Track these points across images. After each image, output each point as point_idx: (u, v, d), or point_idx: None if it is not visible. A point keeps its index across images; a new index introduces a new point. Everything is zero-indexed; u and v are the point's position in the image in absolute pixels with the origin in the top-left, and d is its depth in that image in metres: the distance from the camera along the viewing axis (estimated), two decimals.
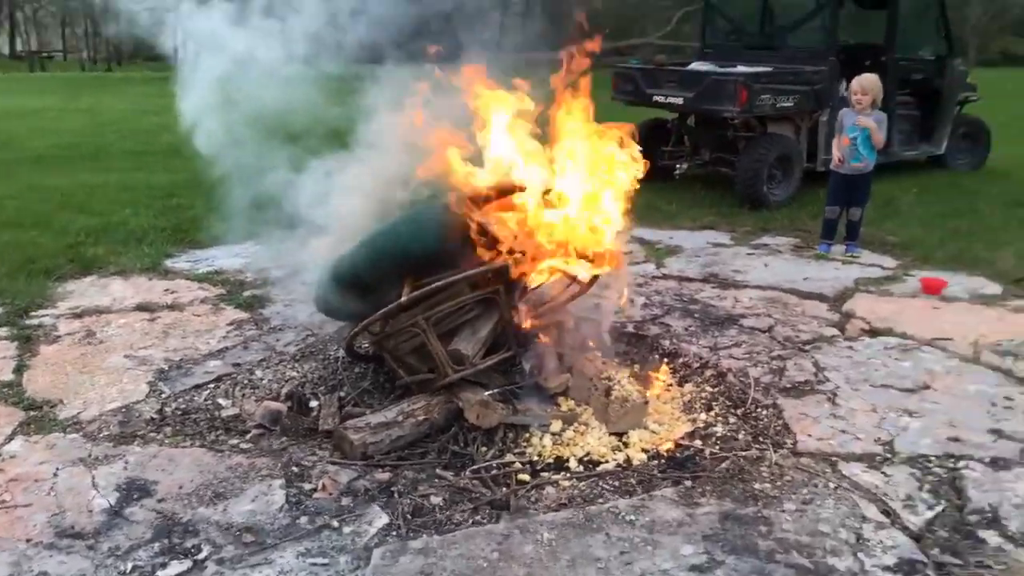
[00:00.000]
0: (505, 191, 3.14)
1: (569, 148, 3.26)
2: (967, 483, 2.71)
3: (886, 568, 2.27)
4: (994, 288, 4.73)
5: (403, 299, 2.99)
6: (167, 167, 8.63)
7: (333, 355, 3.80)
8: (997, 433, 3.04)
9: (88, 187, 7.39)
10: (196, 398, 3.41)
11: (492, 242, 3.04)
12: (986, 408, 3.24)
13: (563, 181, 3.23)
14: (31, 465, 2.83)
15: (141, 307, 4.45)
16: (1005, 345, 3.85)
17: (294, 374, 3.63)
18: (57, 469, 2.80)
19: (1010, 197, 7.10)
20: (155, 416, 3.23)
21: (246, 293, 4.69)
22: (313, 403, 3.39)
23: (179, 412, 3.28)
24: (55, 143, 10.35)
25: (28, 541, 2.42)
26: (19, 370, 3.63)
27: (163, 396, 3.40)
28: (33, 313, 4.33)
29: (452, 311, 3.17)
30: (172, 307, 4.47)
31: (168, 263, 5.29)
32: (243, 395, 3.44)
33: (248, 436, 3.12)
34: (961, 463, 2.83)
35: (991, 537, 2.43)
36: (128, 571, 2.28)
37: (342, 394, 3.45)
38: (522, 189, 3.16)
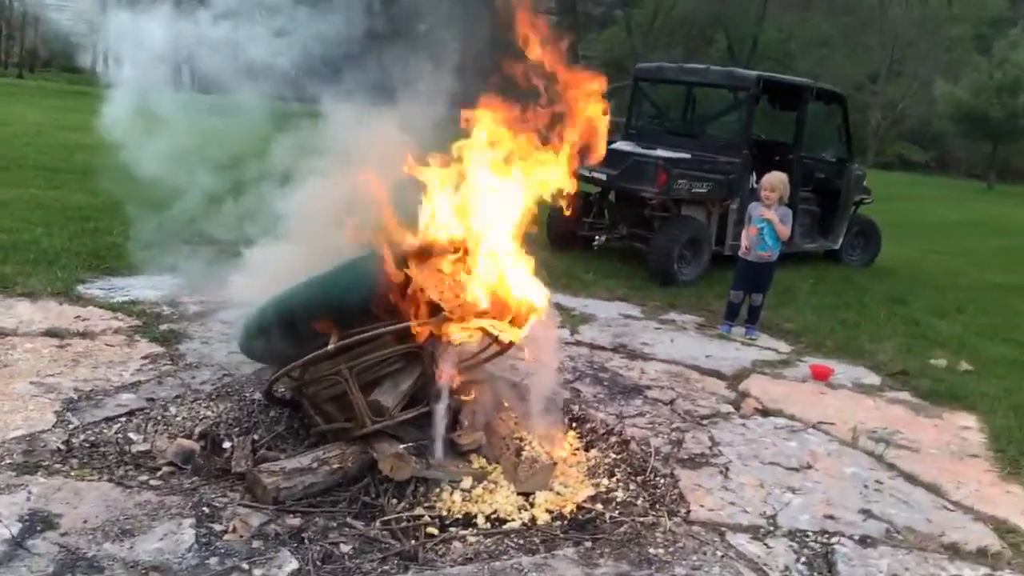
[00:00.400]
0: (437, 250, 3.29)
1: (499, 208, 3.43)
2: (838, 558, 2.96)
3: None
4: (873, 379, 5.15)
5: (330, 347, 3.08)
6: (84, 187, 8.44)
7: (249, 397, 3.82)
8: (867, 513, 3.33)
9: None
10: (106, 431, 3.37)
11: (421, 298, 3.18)
12: (859, 489, 3.54)
13: (491, 243, 3.40)
14: None
15: (50, 332, 4.35)
16: (879, 432, 4.21)
17: (209, 413, 3.63)
18: None
19: (894, 294, 7.73)
20: (61, 447, 3.18)
21: (162, 326, 4.65)
22: (227, 444, 3.41)
23: (87, 444, 3.24)
24: None
25: None
26: None
27: (71, 427, 3.35)
28: None
29: (375, 363, 3.28)
30: (84, 335, 4.39)
31: (81, 289, 5.18)
32: (156, 431, 3.43)
33: (159, 473, 3.11)
34: (834, 539, 3.10)
35: None
36: None
37: (256, 437, 3.48)
38: (455, 250, 3.31)
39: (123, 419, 3.49)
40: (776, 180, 5.66)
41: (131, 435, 3.37)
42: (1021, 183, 35.54)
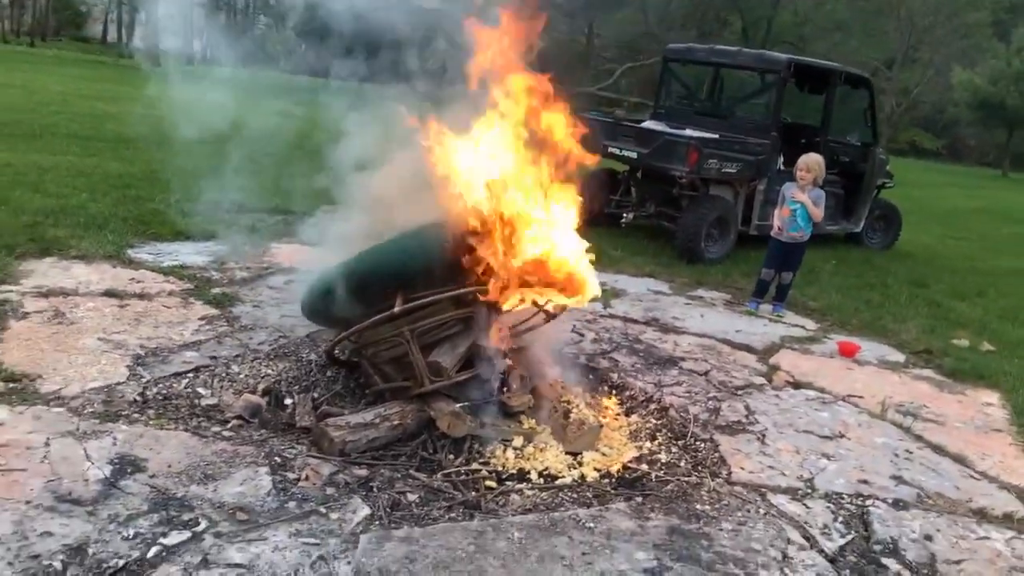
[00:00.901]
0: (491, 222, 3.44)
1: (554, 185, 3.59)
2: (873, 518, 3.13)
3: None
4: (898, 356, 5.30)
5: (395, 309, 3.24)
6: (119, 156, 8.61)
7: (305, 357, 3.99)
8: (898, 479, 3.49)
9: (40, 167, 7.31)
10: (176, 385, 3.54)
11: (479, 266, 3.34)
12: (890, 458, 3.71)
13: (545, 215, 3.55)
14: (20, 433, 2.93)
15: (109, 293, 4.52)
16: (907, 406, 4.37)
17: (269, 372, 3.81)
18: (48, 439, 2.91)
19: (914, 277, 7.86)
20: (137, 398, 3.36)
21: (214, 290, 4.82)
22: (288, 400, 3.58)
23: (160, 397, 3.42)
24: None
25: (28, 503, 2.54)
26: None
27: (143, 380, 3.52)
28: None
29: (434, 326, 3.44)
30: (141, 296, 4.56)
31: (131, 253, 5.35)
32: (221, 387, 3.60)
33: (229, 425, 3.28)
34: (868, 502, 3.26)
35: (892, 564, 2.84)
36: (130, 537, 2.44)
37: (315, 395, 3.65)
38: (507, 223, 3.46)
39: (190, 375, 3.66)
40: (812, 161, 5.77)
41: (199, 390, 3.54)
42: None
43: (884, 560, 2.86)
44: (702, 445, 3.62)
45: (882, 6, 36.71)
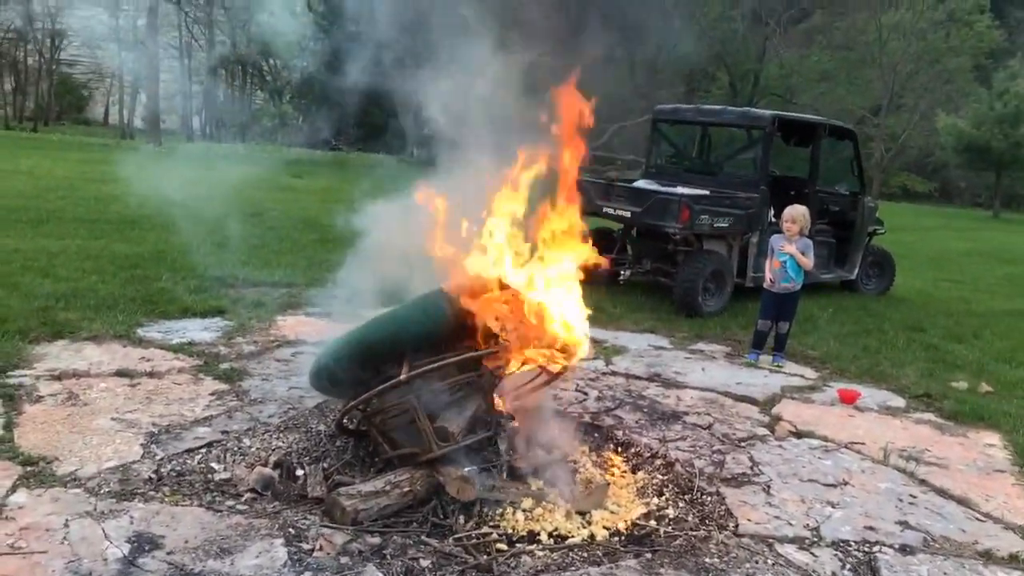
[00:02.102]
0: (495, 286, 3.56)
1: (547, 247, 3.73)
2: (881, 564, 3.17)
3: None
4: (899, 401, 5.37)
5: (402, 376, 3.34)
6: (125, 237, 8.79)
7: (315, 428, 4.06)
8: (904, 524, 3.54)
9: (48, 252, 7.48)
10: (189, 461, 3.61)
11: (482, 330, 3.45)
12: (895, 503, 3.75)
13: (540, 278, 3.68)
14: (40, 516, 2.99)
15: (120, 372, 4.61)
16: (909, 451, 4.42)
17: (280, 444, 3.88)
18: (67, 520, 2.97)
19: (911, 322, 7.96)
20: (152, 476, 3.42)
21: (223, 365, 4.91)
22: (299, 471, 3.64)
23: (175, 473, 3.48)
24: (1, 205, 10.32)
25: None
26: (8, 427, 3.76)
27: (157, 458, 3.60)
28: (11, 373, 4.44)
29: (439, 392, 3.53)
30: (151, 374, 4.65)
31: (141, 332, 5.46)
32: (234, 461, 3.67)
33: (243, 499, 3.34)
34: (876, 548, 3.31)
35: None
36: None
37: (326, 465, 3.71)
38: (507, 287, 3.59)
39: (203, 450, 3.73)
40: (797, 213, 5.93)
41: (212, 464, 3.61)
42: None
43: None
44: (708, 498, 3.67)
45: (865, 56, 37.72)
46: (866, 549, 3.30)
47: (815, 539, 3.35)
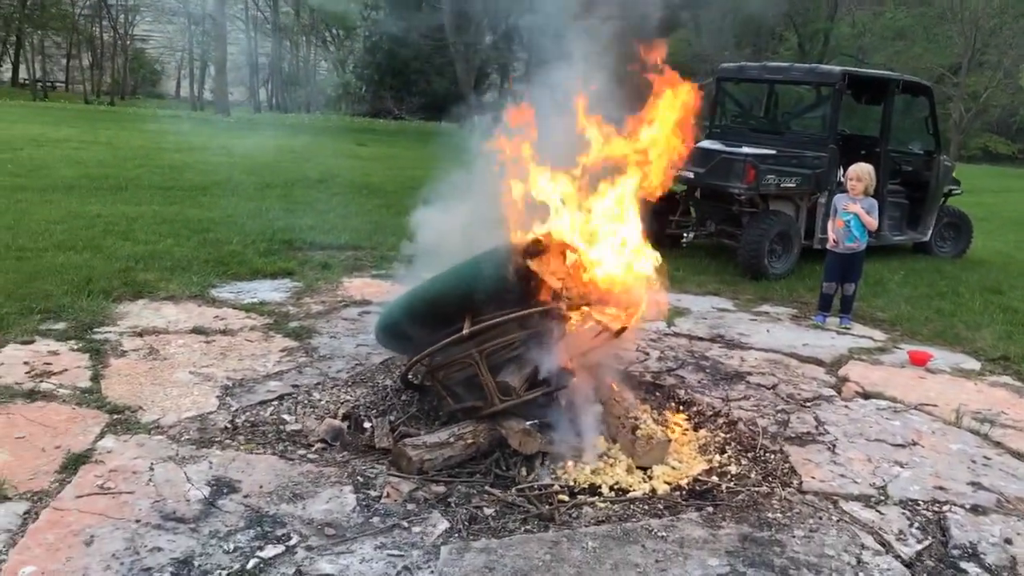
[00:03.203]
0: (557, 246, 3.58)
1: (616, 207, 3.72)
2: (951, 523, 3.11)
3: None
4: (973, 364, 5.21)
5: (464, 331, 3.40)
6: (197, 203, 9.09)
7: (381, 383, 4.17)
8: (977, 485, 3.46)
9: (127, 217, 7.79)
10: (262, 413, 3.77)
11: (544, 288, 3.47)
12: (967, 464, 3.66)
13: (607, 239, 3.68)
14: (127, 459, 3.17)
15: (196, 330, 4.81)
16: (983, 413, 4.29)
17: (348, 397, 4.00)
18: (152, 464, 3.14)
19: (988, 284, 7.66)
20: (228, 426, 3.58)
21: (292, 324, 5.07)
22: (367, 424, 3.76)
23: (248, 424, 3.64)
24: (83, 173, 10.78)
25: (137, 522, 2.75)
26: (96, 379, 3.98)
27: (232, 409, 3.76)
28: (96, 329, 4.67)
29: (501, 347, 3.58)
30: (225, 332, 4.83)
31: (214, 292, 5.66)
32: (304, 413, 3.80)
33: (313, 449, 3.47)
34: (945, 507, 3.24)
35: (971, 568, 2.83)
36: (231, 551, 2.63)
37: (392, 418, 3.82)
38: (572, 248, 3.60)
39: (275, 403, 3.88)
40: (862, 171, 5.76)
41: (284, 416, 3.75)
42: None
43: (963, 564, 2.85)
44: (772, 456, 3.65)
45: (944, 11, 35.90)
46: (935, 508, 3.24)
47: (882, 497, 3.30)
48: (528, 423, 3.53)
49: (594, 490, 3.29)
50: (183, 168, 11.94)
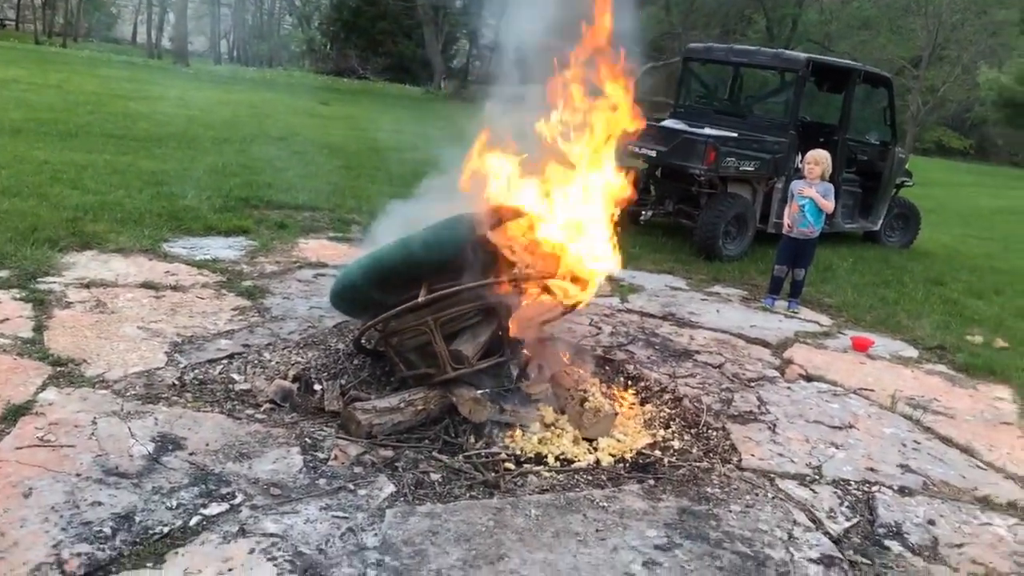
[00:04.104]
0: (512, 214, 3.59)
1: (574, 180, 3.73)
2: (879, 503, 3.24)
3: (811, 560, 2.77)
4: (911, 352, 5.39)
5: (420, 299, 3.40)
6: (151, 154, 8.86)
7: (334, 346, 4.16)
8: (905, 468, 3.60)
9: (77, 165, 7.57)
10: (211, 371, 3.73)
11: (500, 259, 3.49)
12: (898, 448, 3.81)
13: (564, 211, 3.70)
14: (69, 413, 3.12)
15: (146, 284, 4.72)
16: (917, 399, 4.46)
17: (299, 359, 3.98)
18: (95, 418, 3.10)
19: (931, 275, 7.91)
20: (176, 383, 3.55)
21: (245, 283, 5.01)
22: (317, 387, 3.75)
23: (197, 381, 3.60)
24: (31, 117, 10.42)
25: (78, 475, 2.72)
26: (38, 330, 3.89)
27: (181, 366, 3.72)
28: (41, 279, 4.56)
29: (456, 316, 3.60)
30: (176, 288, 4.76)
31: (166, 247, 5.56)
32: (254, 373, 3.78)
33: (261, 409, 3.46)
34: (875, 488, 3.38)
35: (895, 546, 2.96)
36: (173, 507, 2.62)
37: (343, 381, 3.82)
38: (522, 216, 3.61)
39: (224, 361, 3.85)
40: (820, 155, 5.88)
41: (233, 375, 3.73)
42: None
43: (887, 542, 2.98)
44: (714, 433, 3.74)
45: (909, 3, 36.38)
46: (865, 488, 3.37)
47: (816, 476, 3.42)
48: (479, 392, 3.57)
49: (540, 459, 3.35)
50: (137, 117, 11.61)
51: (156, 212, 6.25)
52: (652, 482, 3.20)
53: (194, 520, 2.56)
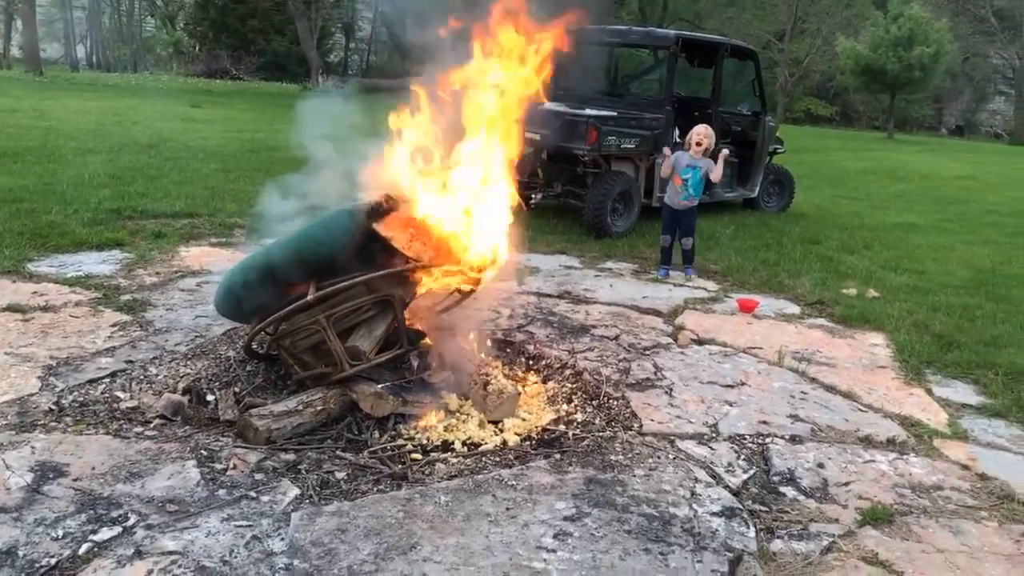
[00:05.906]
0: (398, 204, 3.55)
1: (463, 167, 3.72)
2: (772, 454, 3.40)
3: (713, 514, 2.87)
4: (794, 309, 5.68)
5: (309, 297, 3.32)
6: (7, 170, 8.28)
7: (224, 354, 4.01)
8: (795, 417, 3.80)
9: None
10: (92, 391, 3.53)
11: (390, 250, 3.44)
12: (787, 400, 4.01)
13: (455, 199, 3.68)
14: None
15: (12, 308, 4.42)
16: (802, 353, 4.70)
17: (188, 371, 3.82)
18: None
19: (807, 235, 8.34)
20: (53, 407, 3.33)
21: (124, 297, 4.76)
22: (210, 397, 3.61)
23: (77, 404, 3.40)
24: None
25: None
26: None
27: (57, 389, 3.49)
28: None
29: (349, 311, 3.53)
30: (45, 308, 4.47)
31: (31, 267, 5.21)
32: (140, 389, 3.60)
33: (151, 425, 3.30)
34: (768, 439, 3.54)
35: (789, 491, 3.12)
36: (59, 537, 2.47)
37: (236, 389, 3.69)
38: (418, 208, 3.57)
39: (107, 380, 3.64)
40: (707, 131, 6.12)
41: (117, 393, 3.53)
42: (917, 132, 37.60)
43: (782, 488, 3.13)
44: (615, 403, 3.83)
45: None
46: (759, 441, 3.53)
47: (713, 435, 3.56)
48: (380, 386, 3.52)
49: (447, 446, 3.34)
50: None
51: (16, 231, 5.84)
52: (558, 456, 3.24)
53: (83, 548, 2.42)
